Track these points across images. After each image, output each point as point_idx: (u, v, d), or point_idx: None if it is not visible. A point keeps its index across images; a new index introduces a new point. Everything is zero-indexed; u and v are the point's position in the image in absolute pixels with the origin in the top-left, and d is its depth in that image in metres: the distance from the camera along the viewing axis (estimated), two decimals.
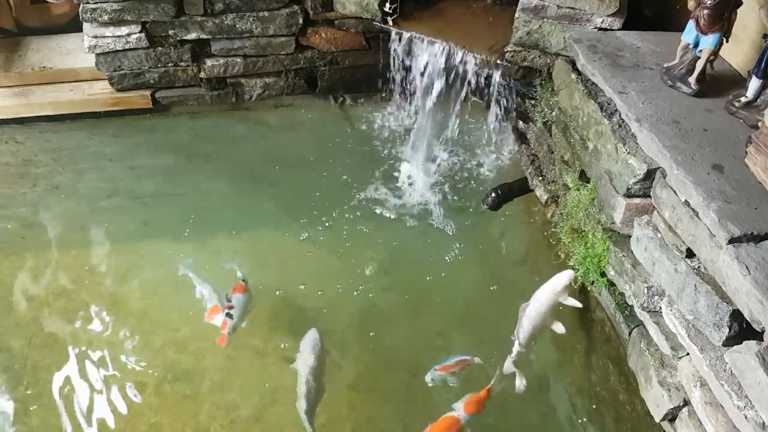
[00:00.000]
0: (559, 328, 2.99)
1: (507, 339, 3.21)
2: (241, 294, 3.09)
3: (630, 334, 2.97)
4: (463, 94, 4.09)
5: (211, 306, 3.13)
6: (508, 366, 2.96)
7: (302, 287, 3.38)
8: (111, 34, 4.02)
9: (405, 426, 2.90)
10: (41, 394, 2.89)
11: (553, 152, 3.66)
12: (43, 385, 2.92)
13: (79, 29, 4.19)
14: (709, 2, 2.76)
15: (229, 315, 2.98)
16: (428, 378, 2.97)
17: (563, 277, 2.99)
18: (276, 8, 4.09)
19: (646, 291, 2.80)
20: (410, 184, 4.02)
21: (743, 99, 2.82)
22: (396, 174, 4.08)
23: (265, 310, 3.26)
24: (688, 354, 2.60)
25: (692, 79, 2.96)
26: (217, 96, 4.41)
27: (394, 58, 4.10)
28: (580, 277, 3.22)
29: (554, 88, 3.58)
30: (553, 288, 2.98)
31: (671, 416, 2.72)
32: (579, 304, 3.00)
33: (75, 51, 4.36)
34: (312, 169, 4.07)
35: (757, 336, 2.25)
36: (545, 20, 3.52)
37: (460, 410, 2.75)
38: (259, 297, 3.32)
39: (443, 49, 3.86)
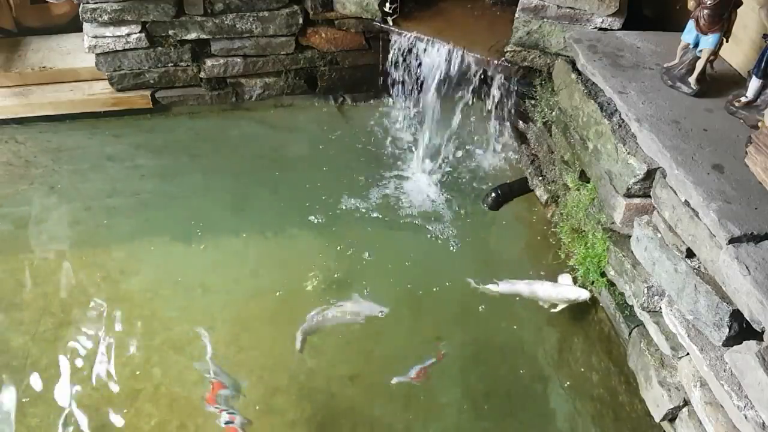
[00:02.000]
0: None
1: (506, 340, 3.22)
2: (224, 390, 2.83)
3: (630, 334, 2.97)
4: (462, 94, 4.10)
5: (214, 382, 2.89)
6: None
7: (301, 288, 3.38)
8: (111, 34, 4.02)
9: (405, 426, 2.90)
10: (41, 393, 2.89)
11: (553, 152, 3.67)
12: (43, 384, 2.92)
13: (79, 29, 4.19)
14: (709, 2, 2.76)
15: (229, 423, 2.74)
16: (394, 380, 2.98)
17: (577, 292, 3.15)
18: (276, 8, 4.09)
19: (646, 291, 2.80)
20: (409, 185, 4.02)
21: (743, 99, 2.82)
22: (395, 174, 4.08)
23: (266, 311, 3.26)
24: (688, 354, 2.60)
25: (692, 79, 2.96)
26: (217, 96, 4.41)
27: (393, 59, 4.10)
28: (580, 277, 3.23)
29: (554, 88, 3.58)
30: (563, 291, 3.15)
31: (671, 416, 2.72)
32: (554, 310, 3.20)
33: (75, 51, 4.36)
34: (312, 170, 4.07)
35: (757, 336, 2.25)
36: (545, 20, 3.52)
37: None
38: (259, 298, 3.32)
39: (443, 50, 3.86)
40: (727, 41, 2.89)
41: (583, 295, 3.15)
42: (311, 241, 3.63)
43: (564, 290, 3.19)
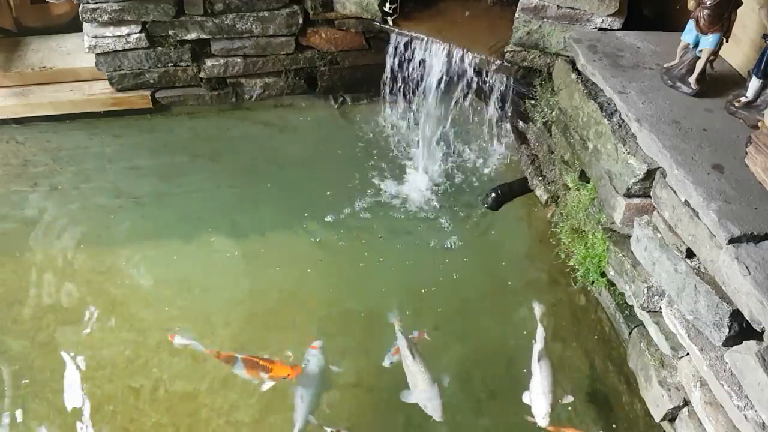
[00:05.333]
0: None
1: (506, 339, 3.22)
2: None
3: (630, 334, 2.97)
4: (463, 94, 4.09)
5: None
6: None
7: (301, 288, 3.38)
8: (111, 34, 4.02)
9: (406, 425, 2.90)
10: (41, 394, 2.89)
11: (553, 152, 3.67)
12: (42, 386, 2.92)
13: (79, 29, 4.19)
14: (709, 2, 2.77)
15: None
16: (386, 363, 2.98)
17: (536, 411, 2.76)
18: (276, 8, 4.09)
19: (646, 291, 2.80)
20: (409, 184, 4.02)
21: (743, 99, 2.83)
22: (396, 175, 4.08)
23: (265, 311, 3.26)
24: (688, 354, 2.60)
25: (692, 79, 2.96)
26: (217, 96, 4.41)
27: (393, 59, 4.10)
28: (580, 278, 3.23)
29: (554, 88, 3.58)
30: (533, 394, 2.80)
31: (671, 416, 2.72)
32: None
33: (75, 51, 4.36)
34: (312, 170, 4.07)
35: (757, 336, 2.25)
36: (545, 20, 3.52)
37: None
38: (260, 297, 3.32)
39: (443, 50, 3.86)
40: (727, 41, 2.90)
41: (540, 421, 2.72)
42: (311, 240, 3.63)
43: (535, 397, 2.79)
